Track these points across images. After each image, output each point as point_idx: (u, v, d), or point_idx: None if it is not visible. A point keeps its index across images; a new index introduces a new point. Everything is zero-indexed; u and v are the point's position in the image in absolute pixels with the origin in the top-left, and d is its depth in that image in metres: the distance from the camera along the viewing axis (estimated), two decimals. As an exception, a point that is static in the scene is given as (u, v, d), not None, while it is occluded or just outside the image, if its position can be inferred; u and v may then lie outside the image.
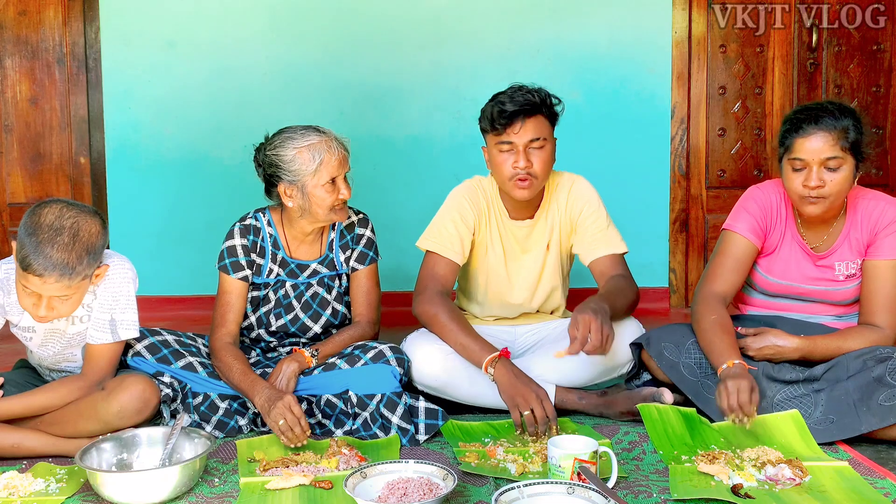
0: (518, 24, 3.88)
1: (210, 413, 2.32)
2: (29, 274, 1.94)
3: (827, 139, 2.19)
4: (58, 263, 1.93)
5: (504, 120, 2.35)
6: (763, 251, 2.40)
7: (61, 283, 1.95)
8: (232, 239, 2.46)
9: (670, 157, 3.99)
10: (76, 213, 1.99)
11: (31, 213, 1.98)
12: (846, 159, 2.20)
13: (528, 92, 2.38)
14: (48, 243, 1.93)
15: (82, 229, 1.97)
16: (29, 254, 1.92)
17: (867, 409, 2.13)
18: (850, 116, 2.22)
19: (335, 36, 3.87)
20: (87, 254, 1.97)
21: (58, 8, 3.87)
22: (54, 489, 1.94)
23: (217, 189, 3.90)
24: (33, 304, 2.01)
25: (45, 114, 3.93)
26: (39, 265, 1.92)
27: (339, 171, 2.37)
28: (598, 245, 2.50)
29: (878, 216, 2.31)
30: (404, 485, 1.83)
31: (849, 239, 2.34)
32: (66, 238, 1.94)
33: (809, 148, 2.20)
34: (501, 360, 2.27)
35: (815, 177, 2.20)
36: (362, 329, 2.49)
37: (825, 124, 2.19)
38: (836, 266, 2.35)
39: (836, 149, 2.19)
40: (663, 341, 2.38)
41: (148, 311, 2.46)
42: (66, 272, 1.94)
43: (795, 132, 2.23)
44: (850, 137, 2.19)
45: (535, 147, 2.38)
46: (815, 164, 2.20)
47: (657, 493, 1.88)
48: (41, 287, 1.96)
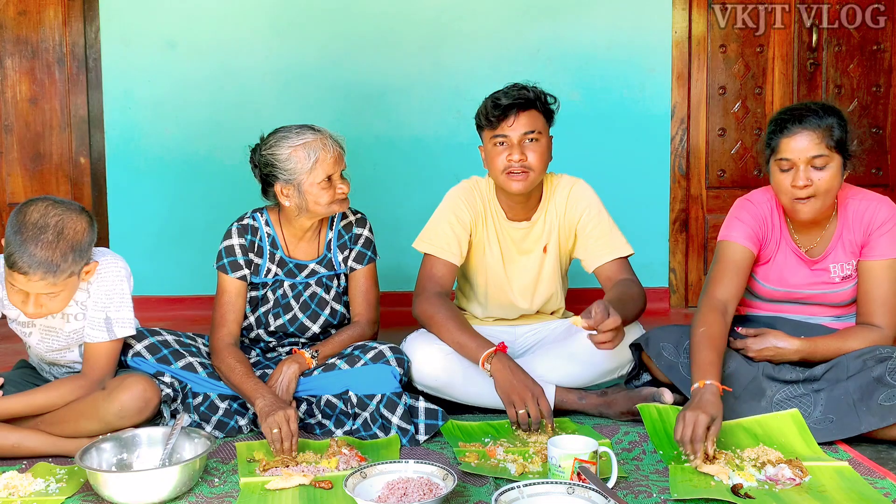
0: (518, 24, 3.88)
1: (210, 413, 2.32)
2: (14, 272, 1.95)
3: (812, 138, 2.19)
4: (42, 261, 1.93)
5: (498, 112, 2.37)
6: (759, 260, 2.39)
7: (45, 280, 1.96)
8: (230, 239, 2.46)
9: (670, 157, 3.99)
10: (62, 212, 1.99)
11: (17, 212, 1.99)
12: (832, 157, 2.20)
13: (523, 88, 2.40)
14: (32, 241, 1.93)
15: (67, 227, 1.98)
16: (14, 251, 1.94)
17: (867, 408, 2.13)
18: (833, 115, 2.22)
19: (335, 36, 3.88)
20: (71, 251, 1.98)
21: (58, 8, 3.87)
22: (54, 489, 1.94)
23: (217, 189, 3.90)
24: (21, 301, 2.02)
25: (45, 114, 3.93)
26: (24, 263, 1.93)
27: (335, 169, 2.37)
28: (602, 251, 2.49)
29: (871, 216, 2.31)
30: (404, 485, 1.83)
31: (842, 240, 2.33)
32: (50, 236, 1.95)
33: (795, 147, 2.20)
34: (498, 354, 2.27)
35: (802, 176, 2.20)
36: (362, 329, 2.49)
37: (809, 123, 2.20)
38: (832, 268, 2.34)
39: (822, 147, 2.19)
40: (662, 342, 2.38)
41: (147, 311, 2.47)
42: (50, 270, 1.94)
43: (780, 133, 2.23)
44: (834, 135, 2.20)
45: (530, 141, 2.38)
46: (802, 164, 2.20)
47: (657, 493, 1.88)
48: (27, 285, 1.97)
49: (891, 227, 2.28)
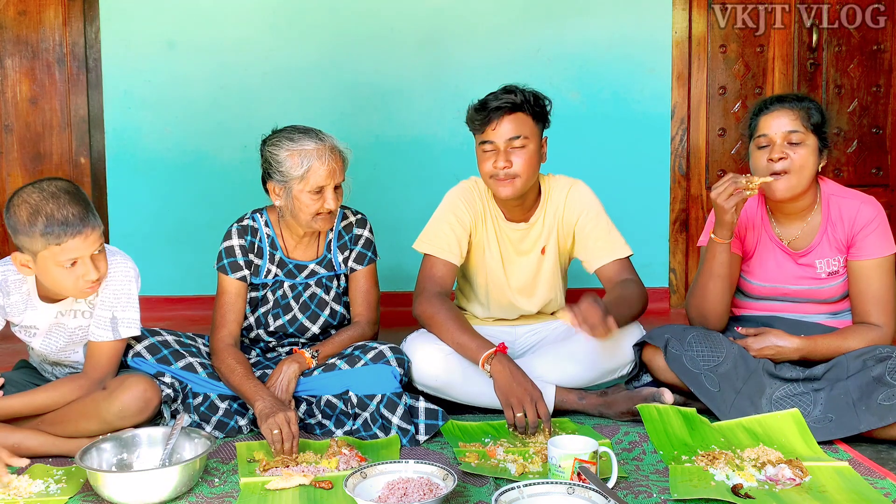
0: (518, 23, 3.88)
1: (210, 413, 2.32)
2: (68, 239, 1.96)
3: (789, 115, 2.29)
4: (82, 215, 1.99)
5: (482, 116, 2.36)
6: (743, 256, 2.41)
7: (97, 231, 2.02)
8: (230, 240, 2.46)
9: (670, 157, 3.99)
10: (47, 183, 2.02)
11: (16, 208, 1.99)
12: (808, 136, 2.29)
13: (511, 91, 2.37)
14: (61, 208, 1.97)
15: (66, 187, 2.02)
16: (54, 226, 1.95)
17: (867, 408, 2.14)
18: (812, 102, 2.33)
19: (335, 36, 3.88)
20: (88, 204, 2.03)
21: (58, 8, 3.87)
22: (55, 490, 1.94)
23: (217, 189, 3.90)
24: (82, 274, 2.03)
25: (45, 114, 3.93)
26: (72, 225, 1.96)
27: (328, 182, 2.34)
28: (601, 252, 2.49)
29: (855, 215, 2.33)
30: (404, 485, 1.83)
31: (827, 236, 2.35)
32: (65, 198, 1.99)
33: (773, 123, 2.30)
34: (498, 356, 2.27)
35: (777, 149, 2.28)
36: (362, 329, 2.49)
37: (788, 103, 2.32)
38: (817, 264, 2.36)
39: (798, 124, 2.29)
40: (667, 335, 2.39)
41: (147, 311, 2.46)
42: (92, 219, 2.01)
43: (760, 113, 2.35)
44: (812, 118, 2.30)
45: (516, 146, 2.37)
46: (779, 139, 2.29)
47: (657, 493, 1.88)
48: (84, 245, 1.99)
49: (877, 227, 2.32)
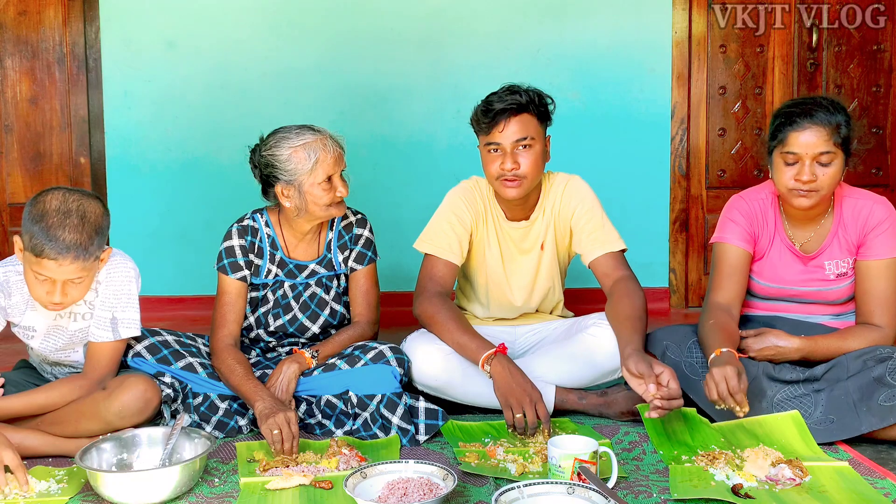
0: (518, 24, 3.88)
1: (210, 413, 2.32)
2: (44, 259, 1.95)
3: (821, 134, 2.20)
4: (72, 244, 1.95)
5: (489, 118, 2.36)
6: (753, 256, 2.41)
7: (76, 264, 1.97)
8: (230, 240, 2.46)
9: (670, 157, 3.99)
10: (79, 197, 2.02)
11: (34, 203, 1.99)
12: (838, 154, 2.22)
13: (516, 91, 2.37)
14: (59, 227, 1.95)
15: (88, 210, 2.00)
16: (41, 240, 1.94)
17: (867, 409, 2.13)
18: (842, 112, 2.24)
19: (335, 36, 3.88)
20: (96, 234, 2.00)
21: (58, 8, 3.87)
22: (56, 490, 1.94)
23: (216, 189, 3.90)
24: (47, 291, 2.02)
25: (45, 114, 3.93)
26: (53, 248, 1.94)
27: (335, 169, 2.37)
28: (595, 244, 2.48)
29: (867, 216, 2.32)
30: (404, 485, 1.83)
31: (837, 238, 2.34)
32: (75, 220, 1.97)
33: (804, 142, 2.21)
34: (498, 356, 2.26)
35: (807, 171, 2.21)
36: (362, 329, 2.49)
37: (820, 119, 2.21)
38: (827, 265, 2.35)
39: (830, 144, 2.20)
40: (665, 341, 2.38)
41: (147, 311, 2.46)
42: (80, 253, 1.96)
43: (790, 126, 2.24)
44: (842, 133, 2.22)
45: (523, 147, 2.37)
46: (808, 159, 2.21)
47: (657, 493, 1.88)
48: (57, 271, 1.97)
49: (888, 227, 2.30)
